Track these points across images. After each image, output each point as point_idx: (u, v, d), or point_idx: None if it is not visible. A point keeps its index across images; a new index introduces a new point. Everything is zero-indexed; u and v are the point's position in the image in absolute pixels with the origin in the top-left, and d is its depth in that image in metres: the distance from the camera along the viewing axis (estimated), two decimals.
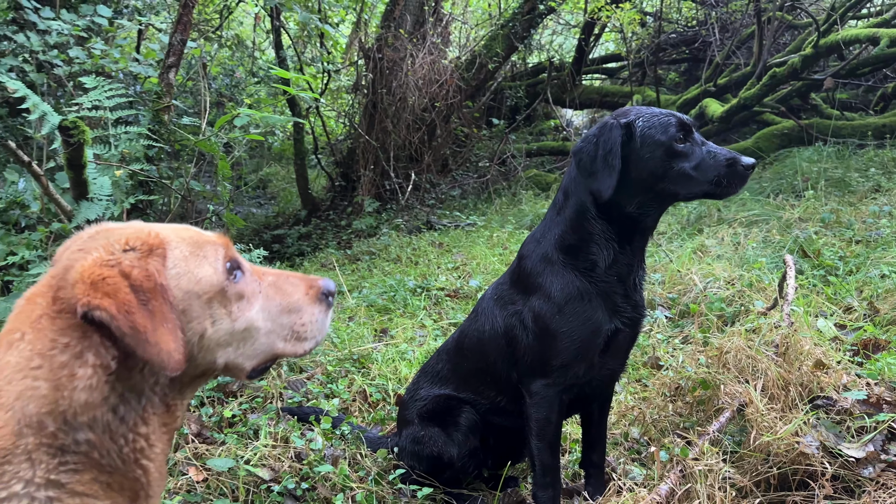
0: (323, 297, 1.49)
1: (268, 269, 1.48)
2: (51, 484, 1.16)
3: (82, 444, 1.17)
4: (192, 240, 1.33)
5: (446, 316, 4.87)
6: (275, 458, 2.75)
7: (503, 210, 8.95)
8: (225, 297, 1.31)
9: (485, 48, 10.68)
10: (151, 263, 1.22)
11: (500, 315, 2.47)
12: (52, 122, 2.73)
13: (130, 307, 1.14)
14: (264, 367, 1.45)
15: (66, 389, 1.16)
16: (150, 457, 1.25)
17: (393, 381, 3.63)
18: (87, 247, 1.25)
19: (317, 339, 1.48)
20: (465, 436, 2.60)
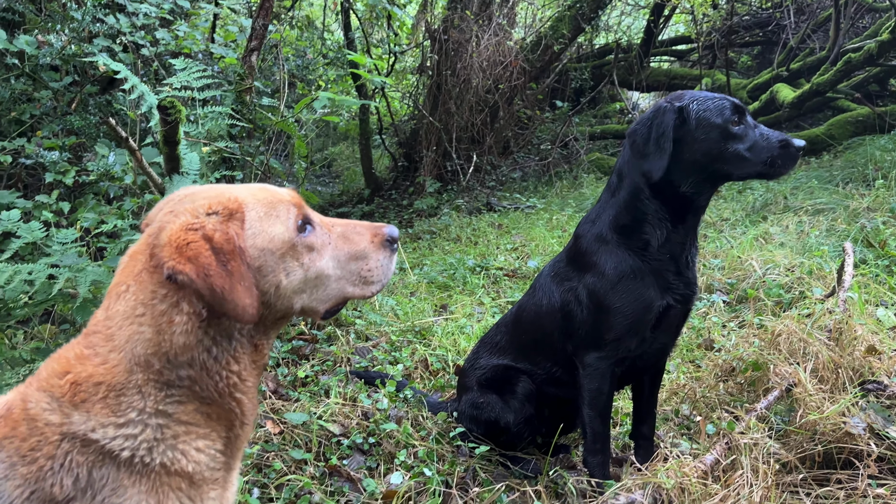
0: (387, 244, 1.61)
1: (337, 221, 1.63)
2: (160, 413, 1.36)
3: (185, 380, 1.37)
4: (266, 200, 1.48)
5: (504, 294, 5.03)
6: (344, 416, 2.98)
7: (563, 193, 9.00)
8: (296, 250, 1.47)
9: (551, 29, 10.66)
10: (231, 227, 1.38)
11: (557, 291, 2.62)
12: (149, 101, 2.99)
13: (209, 270, 1.30)
14: (336, 309, 1.61)
15: (167, 333, 1.35)
16: (243, 390, 1.45)
17: (452, 352, 3.82)
18: (176, 209, 1.42)
19: (382, 282, 1.60)
20: (522, 403, 2.76)
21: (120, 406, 1.34)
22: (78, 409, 1.34)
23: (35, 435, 1.32)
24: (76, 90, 5.85)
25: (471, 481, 2.65)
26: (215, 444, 1.44)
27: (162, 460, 1.35)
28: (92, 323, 1.42)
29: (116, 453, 1.32)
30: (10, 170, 5.63)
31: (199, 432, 1.41)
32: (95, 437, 1.32)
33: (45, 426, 1.33)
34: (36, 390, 1.38)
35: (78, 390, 1.35)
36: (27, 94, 5.66)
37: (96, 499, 1.30)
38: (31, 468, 1.30)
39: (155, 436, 1.35)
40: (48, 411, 1.34)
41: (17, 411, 1.37)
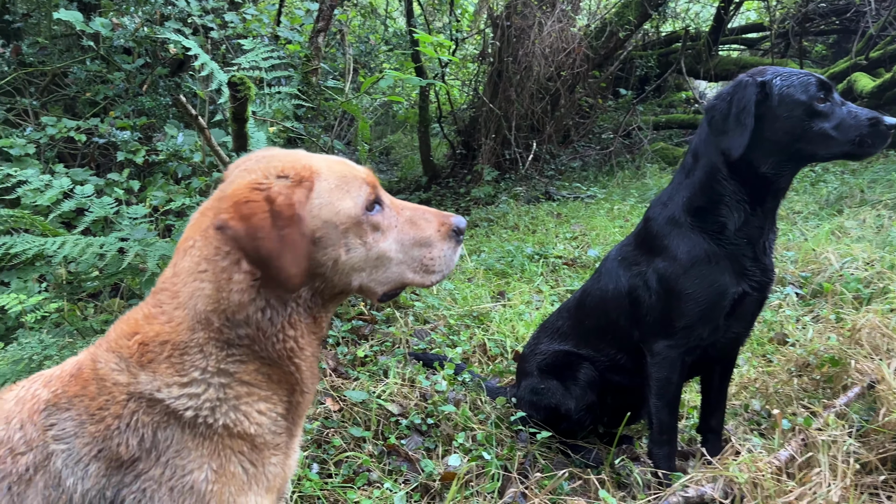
0: (453, 234, 1.57)
1: (407, 205, 1.60)
2: (221, 372, 1.37)
3: (243, 339, 1.37)
4: (340, 173, 1.46)
5: (563, 283, 4.94)
6: (402, 396, 2.96)
7: (625, 183, 8.80)
8: (361, 228, 1.45)
9: (616, 15, 10.42)
10: (297, 193, 1.35)
11: (625, 275, 2.53)
12: (219, 78, 3.02)
13: (261, 232, 1.27)
14: (394, 293, 1.58)
15: (225, 291, 1.34)
16: (302, 357, 1.44)
17: (511, 338, 3.77)
18: (251, 168, 1.42)
19: (443, 272, 1.57)
20: (584, 390, 2.69)
21: (184, 365, 1.35)
22: (145, 370, 1.35)
23: (104, 394, 1.34)
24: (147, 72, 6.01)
25: (530, 467, 2.60)
26: (276, 407, 1.44)
27: (225, 421, 1.36)
28: (160, 280, 1.44)
29: (180, 413, 1.33)
30: (84, 149, 5.82)
31: (261, 394, 1.41)
32: (161, 397, 1.33)
33: (113, 386, 1.35)
34: (105, 351, 1.40)
35: (145, 350, 1.36)
36: (101, 75, 5.84)
37: (160, 460, 1.31)
38: (99, 427, 1.32)
39: (217, 395, 1.36)
40: (116, 371, 1.36)
41: (87, 371, 1.39)
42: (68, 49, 6.40)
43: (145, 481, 1.29)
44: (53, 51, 6.15)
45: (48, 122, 5.27)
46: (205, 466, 1.32)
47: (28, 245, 3.01)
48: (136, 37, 5.40)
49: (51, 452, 1.30)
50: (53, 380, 1.42)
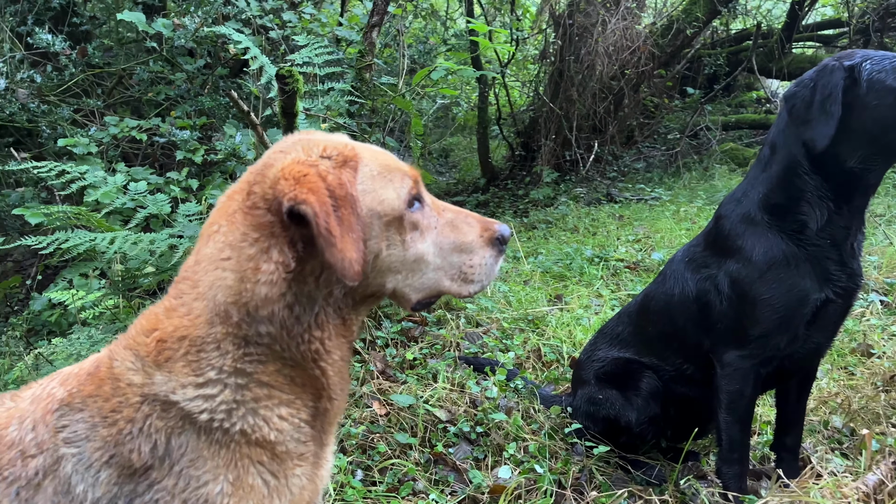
0: (496, 242, 1.47)
1: (449, 206, 1.48)
2: (238, 372, 1.25)
3: (264, 337, 1.25)
4: (383, 162, 1.35)
5: (625, 287, 4.72)
6: (451, 402, 2.83)
7: (692, 185, 8.46)
8: (401, 224, 1.34)
9: (684, 12, 10.06)
10: (344, 173, 1.25)
11: (692, 278, 2.34)
12: (269, 72, 2.96)
13: (328, 207, 1.18)
14: (428, 302, 1.46)
15: (250, 282, 1.23)
16: (328, 361, 1.32)
17: (567, 343, 3.59)
18: (287, 149, 1.30)
19: (483, 283, 1.46)
20: (646, 401, 2.51)
21: (200, 364, 1.24)
22: (161, 369, 1.25)
23: (118, 395, 1.25)
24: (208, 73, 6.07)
25: (586, 483, 2.43)
26: (300, 412, 1.32)
27: (242, 426, 1.25)
28: (183, 269, 1.33)
29: (195, 416, 1.22)
30: (146, 149, 5.93)
31: (283, 398, 1.29)
32: (175, 399, 1.23)
33: (127, 387, 1.25)
34: (123, 348, 1.31)
35: (163, 348, 1.27)
36: (164, 76, 5.93)
37: (174, 469, 1.21)
38: (111, 431, 1.23)
39: (234, 397, 1.25)
40: (132, 371, 1.27)
41: (103, 369, 1.30)
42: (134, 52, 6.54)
43: (158, 492, 1.20)
44: (120, 53, 6.29)
45: (111, 122, 5.37)
46: (220, 478, 1.22)
47: (80, 240, 3.02)
48: (196, 37, 5.45)
49: (61, 456, 1.22)
50: (71, 378, 1.35)
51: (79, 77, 5.88)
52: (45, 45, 5.37)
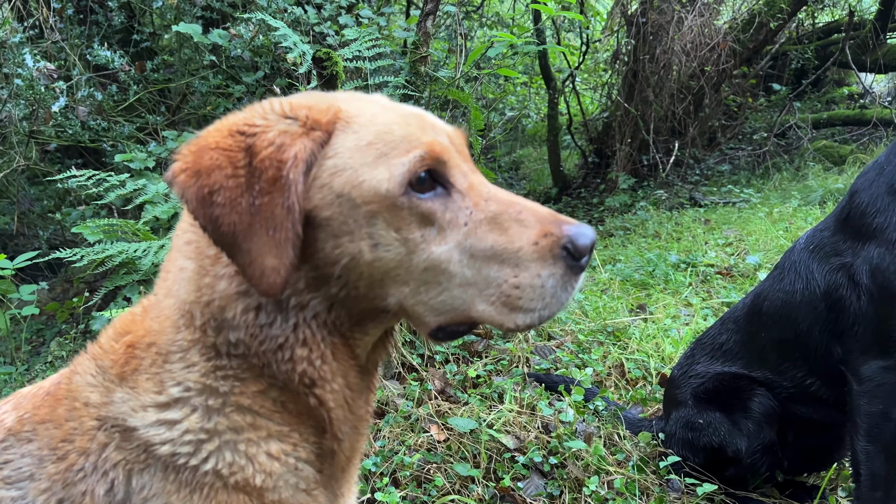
0: (563, 254, 0.97)
1: (498, 194, 1.03)
2: (208, 391, 0.96)
3: (238, 346, 0.95)
4: (384, 127, 0.97)
5: (717, 295, 4.21)
6: (520, 426, 2.43)
7: (783, 186, 7.81)
8: (398, 215, 0.94)
9: (766, 5, 9.43)
10: (297, 145, 0.91)
11: (819, 270, 1.87)
12: (309, 60, 2.68)
13: (220, 195, 0.86)
14: (457, 330, 1.02)
15: (209, 275, 0.96)
16: (327, 389, 0.99)
17: (655, 358, 3.14)
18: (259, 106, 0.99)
19: (540, 313, 0.98)
20: (758, 425, 2.05)
21: (162, 378, 0.96)
22: (123, 384, 0.97)
23: (72, 420, 0.98)
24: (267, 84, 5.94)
25: None
26: (298, 450, 0.99)
27: (216, 465, 0.94)
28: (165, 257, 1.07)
29: (155, 448, 0.93)
30: None
31: (272, 429, 0.97)
32: (133, 425, 0.94)
33: (83, 407, 0.98)
34: (88, 358, 1.04)
35: (131, 356, 0.99)
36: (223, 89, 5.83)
37: None
38: (60, 466, 0.96)
39: (203, 424, 0.94)
40: (91, 387, 0.99)
41: (63, 386, 1.04)
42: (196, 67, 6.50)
43: None
44: (181, 69, 6.25)
45: (169, 136, 5.27)
46: None
47: (114, 251, 2.82)
48: (252, 45, 5.31)
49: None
50: (26, 399, 1.08)
51: (141, 94, 5.86)
52: (104, 62, 5.35)
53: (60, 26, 5.49)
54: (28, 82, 4.91)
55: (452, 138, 1.04)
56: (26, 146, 5.73)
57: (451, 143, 1.02)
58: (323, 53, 2.38)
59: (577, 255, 0.97)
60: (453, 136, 1.05)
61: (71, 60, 5.77)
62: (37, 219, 6.47)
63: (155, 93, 6.20)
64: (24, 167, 5.77)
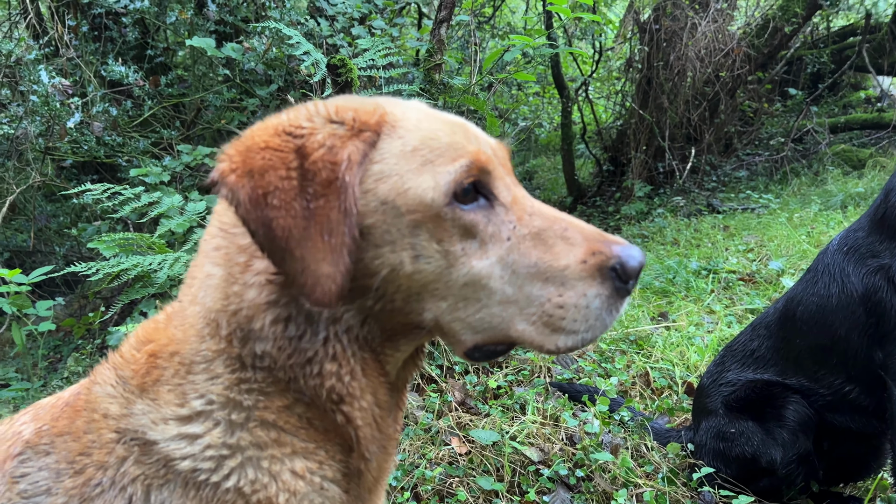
0: (610, 275, 0.92)
1: (542, 209, 0.98)
2: (232, 405, 0.92)
3: (264, 359, 0.91)
4: (430, 133, 0.93)
5: (740, 301, 4.12)
6: (543, 438, 2.36)
7: (802, 191, 7.70)
8: (441, 226, 0.89)
9: (780, 10, 9.35)
10: (349, 148, 0.86)
11: (855, 272, 1.80)
12: (323, 68, 2.65)
13: (273, 198, 0.81)
14: (495, 350, 0.97)
15: (238, 282, 0.91)
16: (355, 406, 0.94)
17: (680, 366, 3.06)
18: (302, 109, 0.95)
19: (583, 335, 0.93)
20: (793, 434, 1.97)
21: (185, 390, 0.92)
22: (144, 396, 0.94)
23: (91, 432, 0.95)
24: (281, 97, 5.94)
25: None
26: (324, 468, 0.94)
27: (238, 482, 0.89)
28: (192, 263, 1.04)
29: (175, 464, 0.89)
30: None
31: (297, 446, 0.92)
32: (153, 438, 0.91)
33: (101, 419, 0.95)
34: (109, 367, 1.01)
35: (153, 366, 0.95)
36: (237, 103, 5.84)
37: None
38: (77, 481, 0.92)
39: (226, 440, 0.90)
40: (110, 398, 0.96)
41: (82, 397, 1.00)
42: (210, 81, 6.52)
43: None
44: (195, 83, 6.27)
45: (184, 150, 5.27)
46: None
47: (129, 264, 2.79)
48: (265, 58, 5.31)
49: None
50: (45, 410, 1.05)
51: (156, 109, 5.87)
52: (118, 78, 5.37)
53: (75, 43, 5.52)
54: (43, 99, 4.93)
55: (495, 150, 1.00)
56: (42, 162, 5.76)
57: (494, 154, 0.98)
58: (337, 60, 2.34)
59: (625, 277, 0.92)
60: (496, 148, 1.01)
61: (86, 76, 5.80)
62: (53, 235, 6.50)
63: (169, 107, 6.21)
64: (41, 183, 5.80)
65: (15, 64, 5.05)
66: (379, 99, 1.02)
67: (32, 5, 5.54)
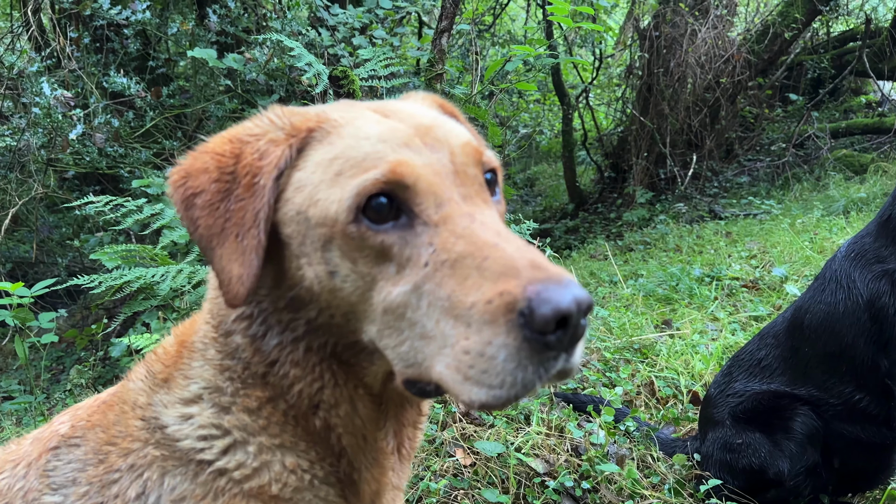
0: (519, 321, 0.74)
1: (476, 230, 0.82)
2: (218, 389, 0.97)
3: (241, 351, 0.95)
4: (355, 143, 0.87)
5: (744, 308, 4.10)
6: (549, 449, 2.35)
7: (804, 196, 7.69)
8: (350, 245, 0.83)
9: (780, 15, 9.37)
10: (276, 153, 0.87)
11: (861, 278, 1.79)
12: (324, 78, 2.65)
13: (197, 199, 0.86)
14: (424, 390, 0.86)
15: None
16: (332, 413, 0.94)
17: (685, 375, 3.04)
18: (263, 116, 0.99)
19: (495, 391, 0.76)
20: (801, 446, 1.95)
21: (188, 374, 0.99)
22: (166, 385, 0.99)
23: (120, 423, 1.00)
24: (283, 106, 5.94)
25: None
26: (315, 468, 0.96)
27: (228, 463, 0.93)
28: None
29: (179, 444, 0.95)
30: None
31: (286, 439, 0.94)
32: (165, 422, 0.96)
33: (130, 410, 1.00)
34: (142, 363, 1.07)
35: (179, 356, 1.02)
36: (237, 112, 5.84)
37: None
38: (99, 469, 0.97)
39: (213, 420, 0.94)
40: (140, 391, 1.02)
41: (117, 394, 1.06)
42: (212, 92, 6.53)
43: None
44: (196, 94, 6.28)
45: None
46: None
47: (132, 277, 2.79)
48: (267, 69, 5.32)
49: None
50: (83, 409, 1.10)
51: (157, 120, 5.88)
52: (120, 89, 5.38)
53: (77, 55, 5.53)
54: (46, 111, 4.93)
55: (455, 155, 0.88)
56: (45, 174, 5.76)
57: (451, 161, 0.87)
58: (340, 72, 2.34)
59: (534, 325, 0.72)
60: (457, 154, 0.88)
61: (88, 88, 5.81)
62: (56, 246, 6.50)
63: (171, 118, 6.22)
64: (43, 195, 5.80)
65: (17, 76, 5.06)
66: (355, 103, 1.00)
67: (34, 18, 5.55)
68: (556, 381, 0.79)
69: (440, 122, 0.93)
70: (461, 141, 0.90)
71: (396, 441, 1.03)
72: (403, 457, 1.05)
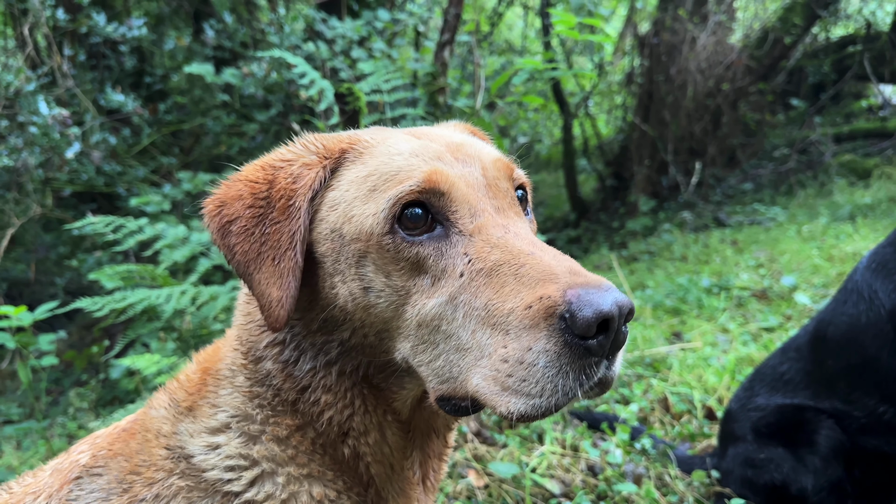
0: (560, 325, 0.73)
1: (511, 240, 0.81)
2: (247, 417, 0.93)
3: (272, 377, 0.92)
4: (388, 160, 0.87)
5: (754, 319, 4.03)
6: (564, 469, 2.27)
7: (809, 202, 7.62)
8: (385, 257, 0.81)
9: (779, 21, 9.36)
10: (310, 175, 0.86)
11: (883, 289, 1.73)
12: (328, 95, 2.60)
13: (235, 224, 0.85)
14: (459, 406, 0.83)
15: (252, 303, 1.00)
16: (360, 441, 0.92)
17: (698, 389, 2.97)
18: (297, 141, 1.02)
19: (535, 400, 0.74)
20: (825, 461, 1.88)
21: (216, 402, 0.96)
22: (191, 414, 0.97)
23: (143, 452, 0.97)
24: (281, 121, 5.90)
25: None
26: (342, 498, 0.92)
27: (256, 494, 0.89)
28: None
29: (205, 474, 0.92)
30: None
31: (314, 469, 0.91)
32: (191, 452, 0.93)
33: (154, 438, 0.97)
34: (164, 391, 1.04)
35: (203, 384, 0.99)
36: (235, 127, 5.80)
37: None
38: (123, 499, 0.93)
39: (242, 451, 0.90)
40: (163, 419, 0.99)
41: (138, 422, 1.03)
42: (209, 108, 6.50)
43: None
44: (193, 109, 6.24)
45: (184, 178, 5.22)
46: None
47: (136, 299, 2.73)
48: (265, 83, 5.28)
49: None
50: (103, 437, 1.07)
51: (154, 137, 5.84)
52: (116, 106, 5.33)
53: (73, 72, 5.49)
54: (43, 129, 4.89)
55: (487, 170, 0.89)
56: (42, 193, 5.71)
57: (483, 175, 0.87)
58: (345, 89, 2.29)
59: (577, 329, 0.71)
60: (489, 168, 0.89)
61: (84, 105, 5.77)
62: (53, 266, 6.44)
63: (168, 134, 6.18)
64: (40, 215, 5.74)
65: (14, 95, 5.01)
66: (388, 130, 1.00)
67: (30, 36, 5.51)
68: (596, 393, 0.77)
69: (471, 141, 0.95)
70: (492, 157, 0.92)
71: (422, 472, 1.00)
72: (428, 489, 1.02)
